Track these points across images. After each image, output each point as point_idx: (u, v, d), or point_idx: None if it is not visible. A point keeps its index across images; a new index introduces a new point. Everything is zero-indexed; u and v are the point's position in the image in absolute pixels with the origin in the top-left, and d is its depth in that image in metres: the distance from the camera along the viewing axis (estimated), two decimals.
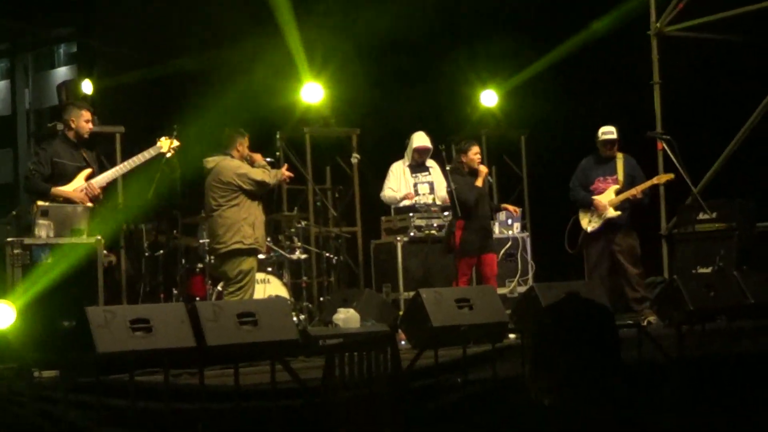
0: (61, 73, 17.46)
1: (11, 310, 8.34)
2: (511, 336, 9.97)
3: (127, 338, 7.93)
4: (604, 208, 11.63)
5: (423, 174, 13.12)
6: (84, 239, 9.22)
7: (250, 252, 10.66)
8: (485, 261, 11.58)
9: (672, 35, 14.33)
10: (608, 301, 10.86)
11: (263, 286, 11.47)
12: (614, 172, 11.77)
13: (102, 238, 9.42)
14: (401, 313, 11.43)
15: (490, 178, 11.90)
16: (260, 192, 10.76)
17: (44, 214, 9.16)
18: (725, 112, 13.69)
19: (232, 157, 10.76)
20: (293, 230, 12.49)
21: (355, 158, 14.21)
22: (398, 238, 12.59)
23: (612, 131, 11.79)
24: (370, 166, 14.23)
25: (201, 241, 11.67)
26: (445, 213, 12.39)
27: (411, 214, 12.67)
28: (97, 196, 9.97)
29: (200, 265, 11.64)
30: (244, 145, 10.85)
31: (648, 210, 12.30)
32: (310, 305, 12.55)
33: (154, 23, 15.05)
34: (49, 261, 8.94)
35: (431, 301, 9.80)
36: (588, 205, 11.78)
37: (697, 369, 8.21)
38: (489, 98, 15.17)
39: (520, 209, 12.55)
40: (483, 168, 11.69)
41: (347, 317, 10.52)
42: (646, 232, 12.04)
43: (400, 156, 13.20)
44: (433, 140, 12.95)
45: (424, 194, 13.04)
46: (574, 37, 14.49)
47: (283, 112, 14.52)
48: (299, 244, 12.40)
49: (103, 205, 10.23)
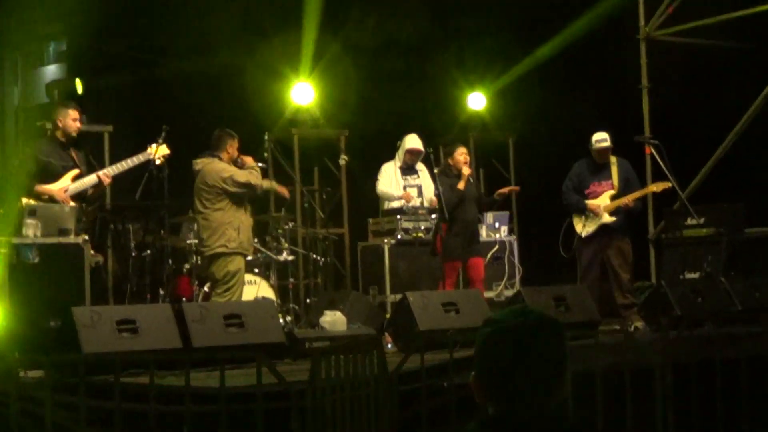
0: (51, 71, 17.36)
1: None
2: None
3: (113, 339, 7.93)
4: (599, 213, 11.58)
5: (412, 177, 13.10)
6: (71, 239, 9.19)
7: (235, 254, 10.64)
8: (472, 265, 11.56)
9: (661, 39, 14.34)
10: (596, 305, 10.89)
11: (250, 288, 11.44)
12: (609, 176, 11.72)
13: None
14: (388, 316, 11.42)
15: (471, 179, 11.85)
16: (247, 195, 10.72)
17: (32, 213, 9.14)
18: (713, 117, 13.71)
19: (220, 159, 10.73)
20: (280, 231, 12.47)
21: (343, 160, 14.22)
22: (385, 241, 12.57)
23: (605, 138, 11.72)
24: (358, 167, 14.22)
25: (188, 241, 11.64)
26: (433, 216, 12.38)
27: (398, 217, 12.66)
28: (79, 194, 9.92)
29: (187, 265, 11.61)
30: (233, 147, 10.82)
31: (635, 215, 12.30)
32: (296, 307, 12.53)
33: (145, 23, 14.99)
34: (36, 260, 8.92)
35: (418, 304, 9.81)
36: (582, 209, 11.72)
37: (684, 375, 8.20)
38: (476, 101, 15.19)
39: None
40: (465, 170, 11.66)
41: (334, 320, 10.51)
42: (633, 236, 12.03)
43: (389, 157, 13.18)
44: (424, 143, 12.95)
45: (413, 197, 13.03)
46: (557, 35, 14.49)
47: (272, 113, 14.51)
48: (286, 246, 12.38)
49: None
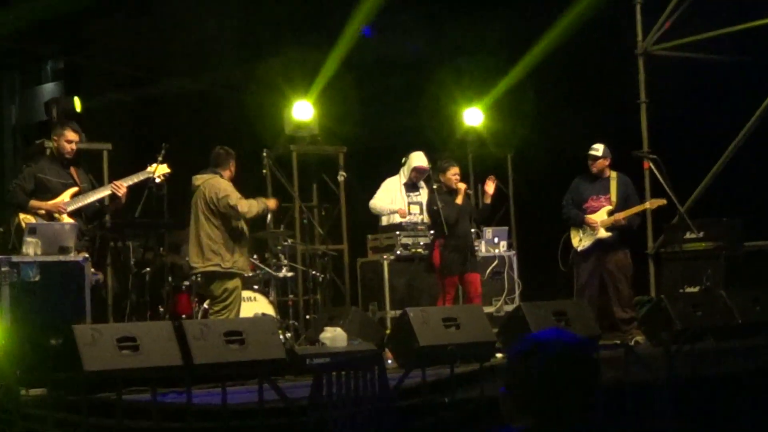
0: (48, 89, 17.39)
1: None
2: (498, 355, 9.97)
3: (114, 356, 7.92)
4: (596, 227, 11.58)
5: (415, 194, 13.13)
6: (72, 257, 9.19)
7: (231, 275, 10.63)
8: (468, 280, 11.55)
9: (659, 54, 14.37)
10: (595, 320, 10.89)
11: (249, 304, 11.44)
12: (608, 191, 11.72)
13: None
14: (388, 331, 11.42)
15: (470, 191, 11.88)
16: (236, 218, 10.68)
17: (32, 231, 9.14)
18: (712, 132, 13.73)
19: (221, 176, 10.73)
20: (279, 248, 12.46)
21: (341, 176, 14.22)
22: (385, 257, 12.58)
23: (597, 148, 11.76)
24: (357, 184, 14.23)
25: (187, 258, 11.64)
26: (431, 231, 12.39)
27: (398, 233, 12.67)
28: (78, 211, 9.91)
29: (186, 282, 11.60)
30: (234, 165, 10.83)
31: (635, 229, 12.30)
32: (296, 323, 12.52)
33: (143, 41, 15.03)
34: (37, 279, 8.92)
35: (418, 320, 9.81)
36: (580, 223, 11.72)
37: (685, 389, 8.21)
38: (474, 117, 15.20)
39: (496, 184, 12.31)
40: (462, 185, 11.68)
41: (334, 336, 10.50)
42: (633, 251, 12.02)
43: (387, 173, 13.19)
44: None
45: (415, 214, 13.05)
46: (543, 39, 14.53)
47: (271, 130, 14.53)
48: (285, 262, 12.38)
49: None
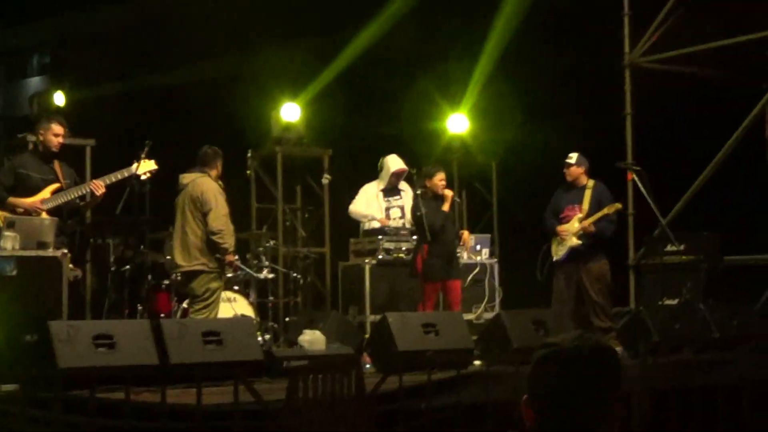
0: (34, 82, 17.37)
1: None
2: (477, 363, 9.96)
3: (89, 354, 7.88)
4: (567, 236, 11.61)
5: (395, 198, 13.08)
6: (50, 252, 9.15)
7: (216, 275, 10.61)
8: (450, 287, 11.53)
9: (645, 66, 14.39)
10: (573, 329, 10.87)
11: (229, 305, 11.42)
12: (582, 200, 11.76)
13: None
14: (367, 336, 11.40)
15: (458, 199, 11.88)
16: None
17: (10, 225, 9.08)
18: (696, 146, 13.75)
19: (209, 175, 10.70)
20: (261, 249, 12.45)
21: (326, 179, 14.20)
22: (366, 261, 12.56)
23: (571, 156, 11.82)
24: (341, 187, 14.21)
25: (167, 257, 11.61)
26: (414, 237, 12.37)
27: (380, 237, 12.65)
28: (58, 208, 9.84)
29: (166, 281, 11.57)
30: (221, 165, 10.80)
31: (615, 240, 12.30)
32: (275, 325, 12.50)
33: (130, 36, 14.99)
34: (14, 273, 8.87)
35: (397, 325, 9.79)
36: (554, 232, 11.77)
37: (662, 400, 8.21)
38: (458, 123, 15.19)
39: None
40: (449, 192, 11.67)
41: (313, 339, 10.47)
42: (613, 262, 12.03)
43: (372, 177, 13.16)
44: (406, 163, 12.95)
45: (395, 218, 13.02)
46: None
47: (257, 130, 14.51)
48: (267, 264, 12.36)
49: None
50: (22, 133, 12.41)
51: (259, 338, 10.22)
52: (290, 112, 14.36)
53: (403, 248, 12.60)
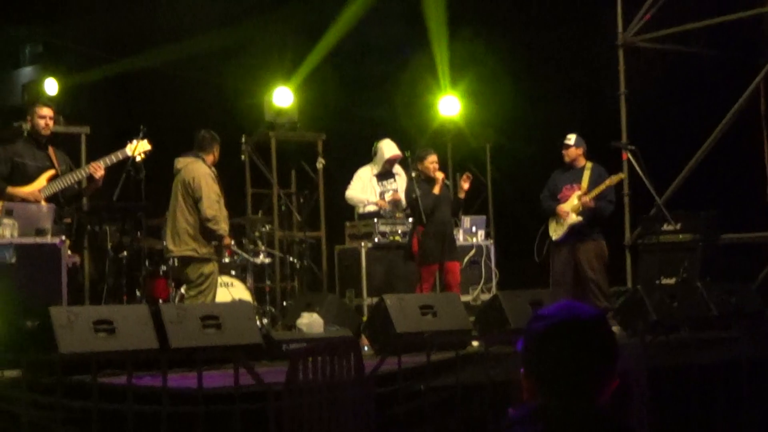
0: (26, 72, 17.33)
1: None
2: (475, 343, 9.98)
3: (90, 339, 7.90)
4: (566, 215, 11.66)
5: (389, 181, 13.09)
6: (48, 239, 9.15)
7: (207, 260, 10.62)
8: (448, 269, 11.56)
9: (638, 45, 14.39)
10: None
11: (226, 290, 11.42)
12: (580, 179, 11.80)
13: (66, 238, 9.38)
14: (365, 318, 11.42)
15: (447, 182, 11.88)
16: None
17: (9, 213, 9.09)
18: (691, 124, 13.77)
19: (204, 160, 10.69)
20: (257, 234, 12.45)
21: (320, 163, 14.21)
22: (362, 244, 12.57)
23: (569, 138, 11.88)
24: (336, 170, 14.22)
25: (164, 243, 11.61)
26: (410, 219, 12.39)
27: (375, 220, 12.66)
28: (55, 195, 9.84)
29: (164, 267, 11.57)
30: (217, 150, 10.80)
31: (612, 220, 12.33)
32: (273, 309, 12.51)
33: (123, 25, 14.95)
34: (13, 260, 8.88)
35: (395, 307, 9.81)
36: (552, 213, 11.82)
37: (660, 379, 8.23)
38: (451, 106, 15.18)
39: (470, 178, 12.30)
40: (440, 174, 11.70)
41: (311, 322, 10.48)
42: (610, 242, 12.06)
43: (366, 161, 13.17)
44: (399, 146, 12.96)
45: (386, 205, 13.03)
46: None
47: (250, 115, 14.50)
48: (263, 248, 12.37)
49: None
50: (17, 122, 12.40)
51: (257, 322, 10.23)
52: (283, 97, 14.35)
53: (399, 231, 12.62)
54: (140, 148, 10.26)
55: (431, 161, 11.71)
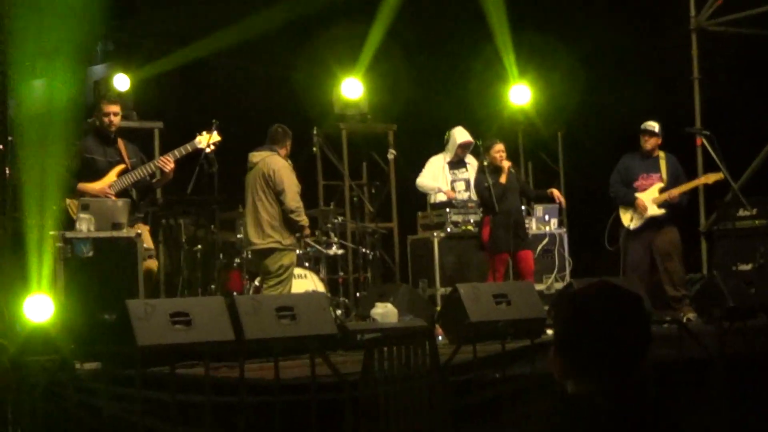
0: (98, 70, 17.50)
1: (50, 303, 8.39)
2: (549, 332, 9.94)
3: (166, 331, 7.97)
4: (646, 208, 11.56)
5: (460, 171, 13.09)
6: (124, 233, 9.25)
7: (289, 251, 10.72)
8: (521, 257, 11.53)
9: (712, 30, 14.23)
10: (646, 297, 10.82)
11: (300, 281, 11.48)
12: (657, 169, 11.71)
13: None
14: (438, 308, 11.42)
15: (513, 170, 11.82)
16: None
17: (85, 208, 9.20)
18: (765, 108, 13.59)
19: (278, 153, 10.78)
20: (330, 226, 12.50)
21: (391, 154, 14.23)
22: (435, 234, 12.56)
23: (653, 125, 11.76)
24: (407, 161, 14.22)
25: (239, 236, 11.70)
26: (481, 209, 12.37)
27: (447, 210, 12.65)
28: (125, 189, 9.92)
29: (237, 260, 11.66)
30: (290, 144, 10.89)
31: (687, 207, 12.22)
32: (346, 300, 12.55)
33: (195, 22, 15.02)
34: (90, 254, 8.99)
35: (469, 296, 9.80)
36: (631, 201, 11.70)
37: (737, 366, 8.15)
38: (522, 94, 15.10)
39: (558, 204, 12.39)
40: (506, 163, 11.66)
41: (385, 312, 10.51)
42: (685, 228, 11.95)
43: (437, 151, 13.17)
44: (471, 135, 12.95)
45: (460, 191, 13.03)
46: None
47: (319, 107, 14.54)
48: (336, 240, 12.41)
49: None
50: (89, 119, 12.54)
51: (332, 313, 10.27)
52: (351, 89, 14.37)
53: (471, 220, 12.60)
54: (210, 140, 10.33)
55: (497, 150, 11.69)
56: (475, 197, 12.66)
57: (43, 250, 8.81)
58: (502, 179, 11.53)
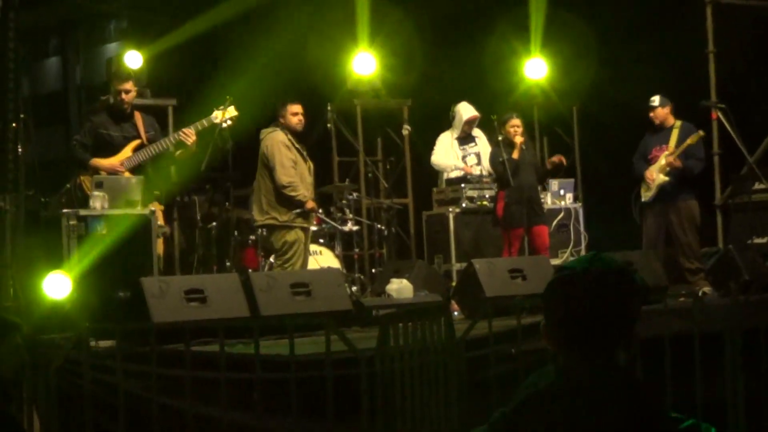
0: (112, 48, 17.51)
1: (68, 281, 8.41)
2: None
3: (181, 308, 7.99)
4: (653, 177, 11.52)
5: (470, 145, 13.10)
6: (138, 210, 9.25)
7: (288, 228, 10.68)
8: (536, 233, 11.53)
9: (726, 3, 14.13)
10: (663, 271, 10.79)
11: (315, 258, 11.48)
12: (669, 140, 11.65)
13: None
14: (453, 284, 11.41)
15: (525, 147, 11.75)
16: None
17: (99, 185, 9.20)
18: None
19: (281, 127, 10.79)
20: (344, 202, 12.49)
21: (405, 129, 14.19)
22: (450, 209, 12.55)
23: (653, 99, 11.72)
24: (421, 137, 14.19)
25: (253, 213, 11.70)
26: (496, 184, 12.35)
27: (463, 185, 12.64)
28: (138, 166, 9.92)
29: (252, 237, 11.66)
30: (289, 112, 10.85)
31: (702, 180, 12.16)
32: (362, 277, 12.55)
33: None
34: (104, 232, 8.99)
35: (484, 271, 9.80)
36: (642, 174, 11.69)
37: (753, 339, 8.11)
38: (537, 69, 15.03)
39: (567, 162, 12.21)
40: (519, 139, 11.63)
41: (400, 287, 10.51)
42: (701, 202, 11.89)
43: (450, 128, 13.16)
44: (478, 109, 12.94)
45: (471, 165, 13.02)
46: None
47: (333, 83, 14.50)
48: (351, 216, 12.40)
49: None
50: (103, 97, 12.55)
51: (347, 289, 10.26)
52: (364, 64, 14.32)
53: (486, 196, 12.58)
54: (227, 115, 10.33)
55: (511, 125, 11.68)
56: (485, 171, 12.65)
57: (57, 228, 8.82)
58: (515, 155, 11.51)
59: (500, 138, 11.65)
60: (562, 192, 13.17)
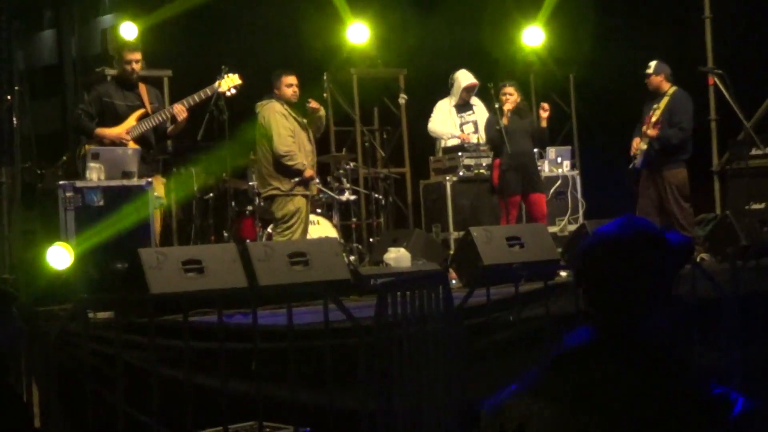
0: (107, 20, 17.42)
1: (68, 253, 8.41)
2: (563, 273, 9.93)
3: (179, 279, 7.99)
4: (635, 145, 11.50)
5: (467, 113, 13.06)
6: (135, 181, 9.24)
7: (291, 197, 10.71)
8: (533, 201, 11.50)
9: None
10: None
11: (313, 228, 11.47)
12: (659, 106, 11.62)
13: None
14: (451, 252, 11.41)
15: (523, 114, 11.70)
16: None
17: (95, 156, 9.18)
18: None
19: (277, 97, 10.83)
20: (342, 171, 12.47)
21: (402, 99, 14.17)
22: (447, 178, 12.53)
23: (649, 65, 11.66)
24: (418, 106, 14.16)
25: (250, 183, 11.69)
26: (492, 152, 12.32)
27: (460, 154, 12.61)
28: (144, 134, 9.91)
29: (250, 207, 11.65)
30: (284, 83, 10.84)
31: (699, 145, 12.11)
32: (360, 246, 12.54)
33: None
34: (102, 204, 8.97)
35: (482, 239, 9.80)
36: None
37: (751, 305, 8.13)
38: (534, 36, 14.99)
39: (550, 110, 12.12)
40: (508, 106, 11.58)
41: (398, 256, 10.50)
42: (697, 168, 11.87)
43: (447, 94, 13.13)
44: (476, 76, 12.90)
45: (468, 134, 13.00)
46: None
47: (328, 52, 14.47)
48: (348, 186, 12.39)
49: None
50: (98, 68, 12.52)
51: (345, 259, 10.26)
52: (358, 33, 14.29)
53: (483, 164, 12.56)
54: (230, 83, 10.32)
55: (504, 92, 11.64)
56: (482, 140, 12.62)
57: (54, 200, 8.81)
58: (504, 121, 11.44)
59: (497, 106, 11.61)
60: (560, 159, 13.15)
